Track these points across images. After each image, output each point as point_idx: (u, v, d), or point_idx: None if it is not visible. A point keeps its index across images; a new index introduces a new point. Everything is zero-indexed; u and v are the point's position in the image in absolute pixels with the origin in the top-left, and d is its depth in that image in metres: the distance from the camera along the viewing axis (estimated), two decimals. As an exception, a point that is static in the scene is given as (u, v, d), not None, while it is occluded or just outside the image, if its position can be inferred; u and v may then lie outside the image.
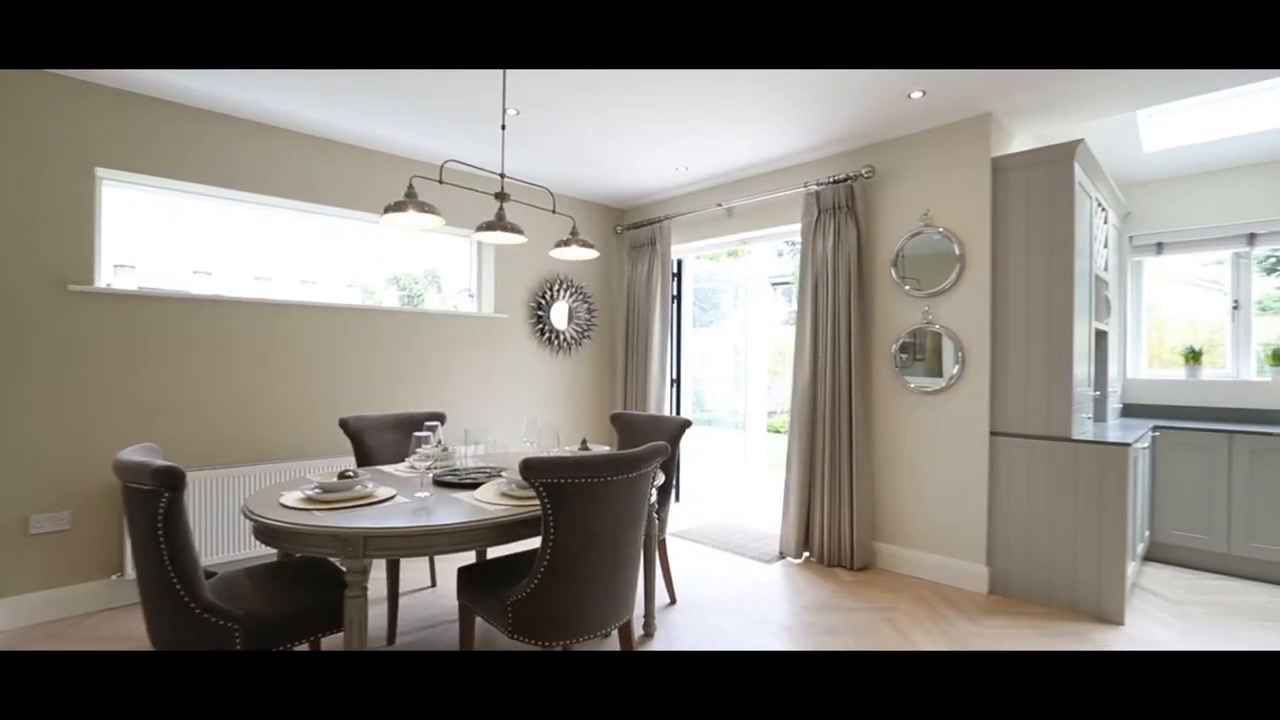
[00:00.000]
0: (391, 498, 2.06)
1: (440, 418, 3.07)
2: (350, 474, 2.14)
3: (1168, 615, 2.88)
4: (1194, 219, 4.08)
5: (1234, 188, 3.93)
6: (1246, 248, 3.94)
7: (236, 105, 3.08)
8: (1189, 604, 3.03)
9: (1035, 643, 2.57)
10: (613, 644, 2.46)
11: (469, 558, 3.40)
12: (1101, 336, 3.64)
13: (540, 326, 4.54)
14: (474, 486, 2.25)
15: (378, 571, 3.27)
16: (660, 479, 2.47)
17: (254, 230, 3.42)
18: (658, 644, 2.56)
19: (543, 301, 4.54)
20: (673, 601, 2.98)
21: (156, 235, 3.14)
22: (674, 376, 4.95)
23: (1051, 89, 2.84)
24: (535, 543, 1.89)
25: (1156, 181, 4.20)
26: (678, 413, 5.00)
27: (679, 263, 4.99)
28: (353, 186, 3.63)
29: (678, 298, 4.97)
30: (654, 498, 2.53)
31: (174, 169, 3.02)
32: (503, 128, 2.55)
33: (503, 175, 2.49)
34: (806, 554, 3.64)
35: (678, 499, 5.02)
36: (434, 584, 3.22)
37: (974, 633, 2.66)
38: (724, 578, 3.34)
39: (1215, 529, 3.49)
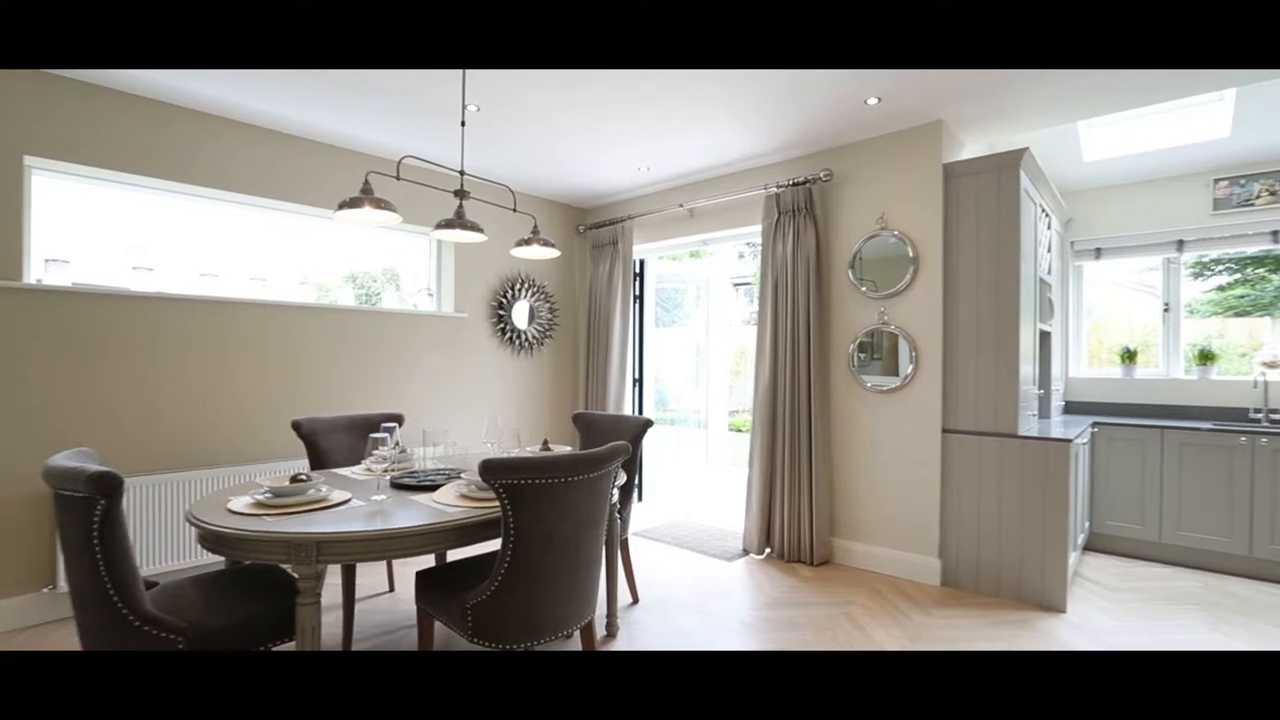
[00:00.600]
0: (346, 501, 2.00)
1: (398, 419, 3.01)
2: (303, 477, 2.07)
3: (1106, 602, 3.03)
4: (1130, 226, 4.30)
5: (1165, 197, 4.16)
6: (1176, 254, 4.17)
7: (186, 97, 2.95)
8: (1125, 591, 3.19)
9: (984, 631, 2.66)
10: (574, 644, 2.45)
11: (428, 561, 3.35)
12: (1045, 337, 3.80)
13: (501, 326, 4.48)
14: (433, 489, 2.21)
15: (333, 577, 3.18)
16: (622, 478, 2.47)
17: (198, 224, 3.28)
18: (620, 644, 2.56)
19: (504, 301, 4.49)
20: (635, 601, 2.99)
21: (93, 229, 2.98)
22: (636, 376, 4.96)
23: (999, 98, 2.95)
24: (496, 545, 1.87)
25: (1096, 189, 4.41)
26: (640, 412, 5.01)
27: (641, 263, 5.00)
28: (306, 181, 3.51)
29: (640, 298, 4.98)
30: (616, 497, 2.53)
31: (116, 161, 2.87)
32: (462, 124, 2.51)
33: (462, 172, 2.45)
34: (768, 550, 3.69)
35: (640, 498, 5.03)
36: (392, 589, 3.15)
37: (927, 624, 2.74)
38: (686, 576, 3.36)
39: (1148, 519, 3.68)
